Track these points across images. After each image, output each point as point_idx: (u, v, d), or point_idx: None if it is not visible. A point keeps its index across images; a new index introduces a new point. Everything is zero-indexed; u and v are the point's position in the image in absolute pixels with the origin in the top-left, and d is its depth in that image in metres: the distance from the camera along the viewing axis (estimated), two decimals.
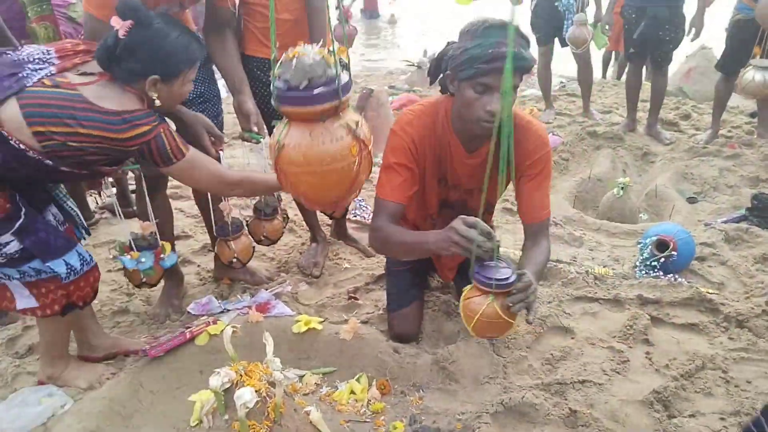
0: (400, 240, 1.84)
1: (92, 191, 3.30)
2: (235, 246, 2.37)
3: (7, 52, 1.69)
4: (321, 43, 1.44)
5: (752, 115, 4.88)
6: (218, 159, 2.15)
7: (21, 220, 1.70)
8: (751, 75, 3.72)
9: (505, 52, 1.59)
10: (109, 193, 2.84)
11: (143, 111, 1.68)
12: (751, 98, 4.37)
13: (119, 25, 1.64)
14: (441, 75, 1.86)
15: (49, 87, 1.60)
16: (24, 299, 1.83)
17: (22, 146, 1.58)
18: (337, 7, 2.51)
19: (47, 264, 1.76)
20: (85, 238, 2.06)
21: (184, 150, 1.75)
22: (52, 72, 1.64)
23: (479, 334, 1.70)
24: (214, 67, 2.36)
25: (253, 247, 2.47)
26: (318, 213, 2.91)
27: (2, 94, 1.57)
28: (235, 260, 2.38)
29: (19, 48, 1.72)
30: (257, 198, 2.46)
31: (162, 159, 1.72)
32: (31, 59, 1.65)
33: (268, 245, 2.58)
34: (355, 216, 3.23)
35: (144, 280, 2.16)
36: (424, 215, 2.13)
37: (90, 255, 1.90)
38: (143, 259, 2.13)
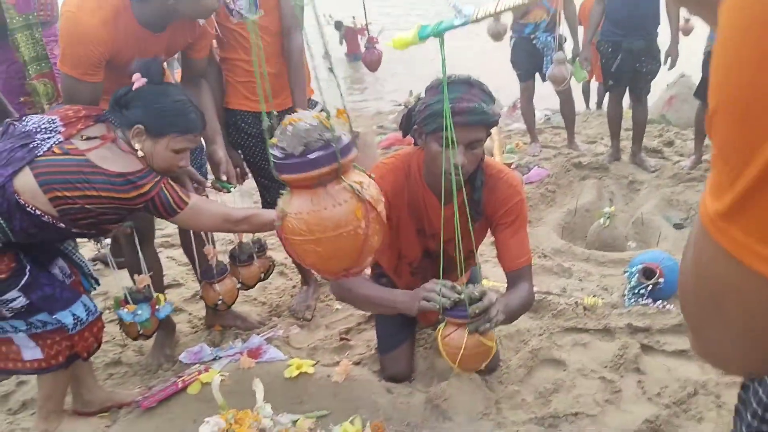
0: (365, 293, 1.90)
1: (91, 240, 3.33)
2: (220, 288, 2.39)
3: (15, 123, 1.79)
4: (318, 107, 1.41)
5: None
6: None
7: (26, 277, 1.78)
8: None
9: (465, 108, 1.65)
10: (105, 244, 2.87)
11: (144, 170, 1.78)
12: None
13: (137, 81, 1.78)
14: (410, 130, 1.92)
15: (59, 155, 1.70)
16: (30, 350, 1.88)
17: (38, 212, 1.68)
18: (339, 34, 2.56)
19: (54, 316, 1.84)
20: (94, 288, 2.13)
21: (186, 199, 1.84)
22: (60, 140, 1.74)
23: (465, 367, 1.72)
24: None
25: (238, 289, 2.48)
26: None
27: (17, 165, 1.67)
28: (220, 302, 2.40)
29: (23, 118, 1.81)
30: (233, 244, 2.51)
31: (167, 211, 1.82)
32: (40, 129, 1.75)
33: (245, 290, 2.60)
34: None
35: (141, 331, 2.19)
36: (405, 264, 2.16)
37: (95, 305, 1.97)
38: (140, 312, 2.16)
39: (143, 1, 1.88)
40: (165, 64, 2.31)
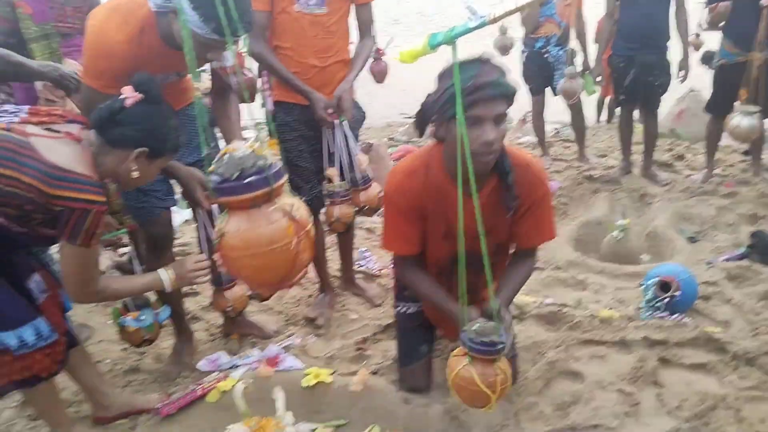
0: (425, 292, 1.95)
1: (108, 247, 3.36)
2: (229, 295, 2.38)
3: None
4: (254, 138, 1.61)
5: (746, 153, 4.97)
6: (210, 212, 2.22)
7: None
8: (737, 121, 3.84)
9: (485, 82, 1.61)
10: (124, 251, 2.89)
11: (88, 179, 1.64)
12: (740, 142, 4.50)
13: (130, 95, 1.70)
14: (427, 125, 1.87)
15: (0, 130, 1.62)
16: None
17: None
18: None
19: None
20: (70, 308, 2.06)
21: (91, 242, 1.68)
22: (13, 121, 1.66)
23: (458, 394, 1.74)
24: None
25: (248, 296, 2.48)
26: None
27: None
28: (229, 308, 2.40)
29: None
30: None
31: (70, 233, 1.64)
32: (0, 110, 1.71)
33: (260, 301, 2.60)
34: (360, 266, 3.27)
35: (146, 337, 2.17)
36: (432, 265, 2.09)
37: (50, 330, 1.82)
38: (143, 317, 2.15)
39: (165, 18, 1.86)
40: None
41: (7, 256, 1.79)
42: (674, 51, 4.32)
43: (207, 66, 2.28)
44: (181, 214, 3.67)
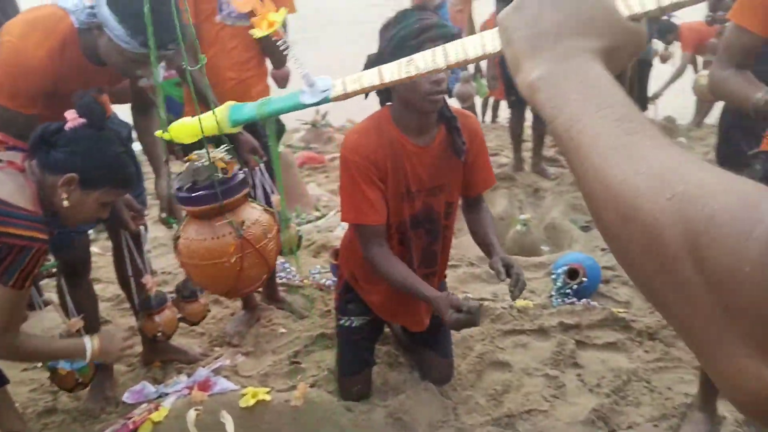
0: (398, 278, 1.87)
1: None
2: (160, 319, 2.29)
3: None
4: (222, 148, 1.59)
5: None
6: (138, 234, 2.19)
7: None
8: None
9: (431, 24, 1.70)
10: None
11: (32, 214, 1.54)
12: None
13: (72, 120, 1.60)
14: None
15: None
16: None
17: None
18: None
19: None
20: None
21: (25, 284, 1.55)
22: None
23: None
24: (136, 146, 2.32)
25: (178, 319, 2.39)
26: None
27: None
28: (159, 333, 2.30)
29: None
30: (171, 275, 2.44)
31: (4, 271, 1.50)
32: None
33: (189, 326, 2.52)
34: (280, 278, 3.22)
35: (79, 380, 2.04)
36: (394, 230, 2.01)
37: None
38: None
39: (88, 35, 1.76)
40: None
41: None
42: None
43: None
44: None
